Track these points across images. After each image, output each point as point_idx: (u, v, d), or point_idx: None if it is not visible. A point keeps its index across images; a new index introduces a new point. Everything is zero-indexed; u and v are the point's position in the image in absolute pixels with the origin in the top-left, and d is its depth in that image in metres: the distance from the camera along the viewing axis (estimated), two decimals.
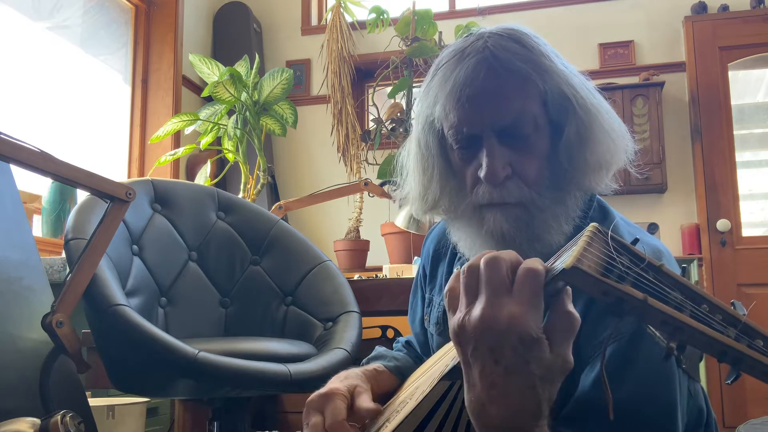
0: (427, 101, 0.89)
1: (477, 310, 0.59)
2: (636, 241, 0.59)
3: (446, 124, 0.86)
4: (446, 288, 0.64)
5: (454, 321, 0.61)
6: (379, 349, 1.05)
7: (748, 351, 0.51)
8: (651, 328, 0.53)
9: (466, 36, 0.89)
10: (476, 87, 0.82)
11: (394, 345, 1.17)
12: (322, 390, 0.83)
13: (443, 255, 1.05)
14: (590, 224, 0.61)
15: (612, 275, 0.55)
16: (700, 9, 4.00)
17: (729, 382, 0.53)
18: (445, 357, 0.77)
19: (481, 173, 0.83)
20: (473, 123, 0.83)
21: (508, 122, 0.82)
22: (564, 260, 0.57)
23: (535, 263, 0.59)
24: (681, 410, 0.74)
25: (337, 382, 0.85)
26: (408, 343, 1.16)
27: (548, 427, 0.61)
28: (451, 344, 0.80)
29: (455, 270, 0.99)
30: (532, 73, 0.83)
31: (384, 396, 0.92)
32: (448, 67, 0.86)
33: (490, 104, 0.82)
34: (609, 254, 0.56)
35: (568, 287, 0.59)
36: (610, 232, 0.58)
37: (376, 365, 0.96)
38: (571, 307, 0.60)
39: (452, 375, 0.70)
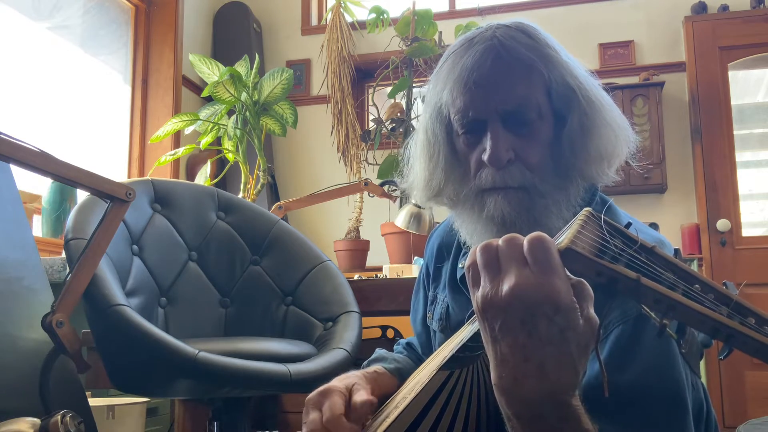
0: (436, 88, 0.92)
1: (505, 282, 0.58)
2: (629, 224, 0.60)
3: (453, 108, 0.88)
4: (466, 263, 0.63)
5: (479, 296, 0.60)
6: (379, 351, 1.06)
7: (741, 327, 0.51)
8: (645, 308, 0.54)
9: (476, 28, 0.91)
10: (483, 72, 0.84)
11: (394, 347, 1.18)
12: (321, 388, 0.84)
13: (447, 253, 1.05)
14: (584, 209, 0.62)
15: (606, 256, 0.56)
16: (700, 9, 4.00)
17: (722, 357, 0.54)
18: (444, 350, 0.77)
19: (485, 156, 0.85)
20: (479, 107, 0.85)
21: (512, 107, 0.84)
22: (559, 242, 0.57)
23: (539, 233, 0.59)
24: (688, 389, 0.75)
25: (335, 381, 0.86)
26: (409, 344, 1.17)
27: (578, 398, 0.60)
28: (450, 340, 0.80)
29: (459, 266, 0.99)
30: (537, 62, 0.85)
31: (385, 398, 0.92)
32: (457, 54, 0.89)
33: (496, 89, 0.85)
34: (602, 236, 0.58)
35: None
36: (603, 216, 0.59)
37: (376, 367, 0.97)
38: (574, 278, 0.60)
39: (451, 364, 0.70)
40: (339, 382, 0.86)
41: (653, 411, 0.73)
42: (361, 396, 0.82)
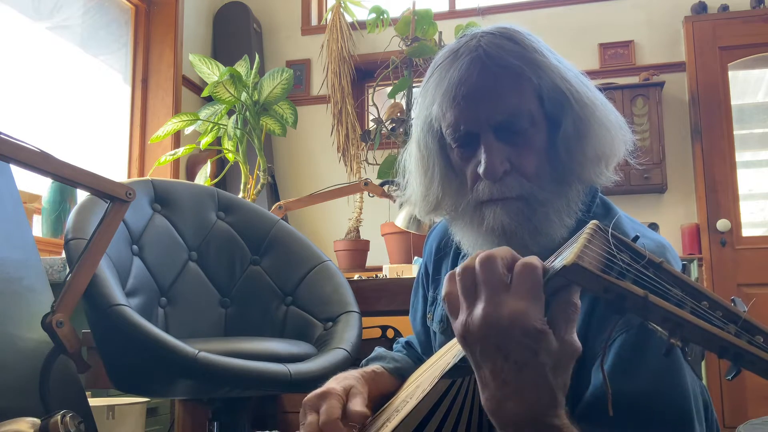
0: (425, 102, 0.91)
1: (479, 310, 0.59)
2: (636, 238, 0.59)
3: (444, 123, 0.87)
4: (443, 292, 0.64)
5: (457, 324, 0.62)
6: (378, 350, 1.05)
7: (748, 347, 0.51)
8: (653, 324, 0.54)
9: (461, 37, 0.90)
10: (470, 85, 0.83)
11: (394, 346, 1.17)
12: (319, 390, 0.84)
13: (446, 253, 1.04)
14: (591, 221, 0.61)
15: (613, 272, 0.55)
16: (700, 9, 4.00)
17: (729, 378, 0.53)
18: (447, 355, 0.77)
19: (480, 169, 0.84)
20: (470, 121, 0.84)
21: (504, 118, 0.83)
22: (565, 257, 0.57)
23: (532, 259, 0.60)
24: (694, 397, 0.75)
25: (333, 383, 0.86)
26: (408, 343, 1.16)
27: (566, 416, 0.61)
28: (452, 342, 0.80)
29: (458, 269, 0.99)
30: (525, 69, 0.84)
31: (383, 398, 0.92)
32: (443, 67, 0.87)
33: (485, 101, 0.83)
34: (610, 251, 0.57)
35: (574, 285, 0.59)
36: (610, 229, 0.58)
37: (375, 367, 0.96)
38: (574, 299, 0.60)
39: (453, 373, 0.70)
40: (336, 383, 0.85)
41: (659, 423, 0.73)
42: (357, 406, 0.81)
